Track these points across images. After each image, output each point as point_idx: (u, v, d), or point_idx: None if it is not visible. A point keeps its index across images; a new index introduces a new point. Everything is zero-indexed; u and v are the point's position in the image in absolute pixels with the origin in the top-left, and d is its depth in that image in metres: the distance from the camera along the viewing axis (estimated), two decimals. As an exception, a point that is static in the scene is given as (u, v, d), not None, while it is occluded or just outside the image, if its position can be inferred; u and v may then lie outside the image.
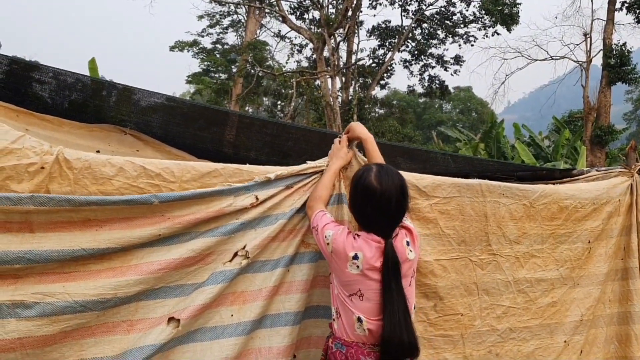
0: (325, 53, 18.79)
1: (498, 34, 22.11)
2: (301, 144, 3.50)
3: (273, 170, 2.40)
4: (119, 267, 2.10)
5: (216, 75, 25.19)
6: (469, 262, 2.83)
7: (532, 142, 20.77)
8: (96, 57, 11.90)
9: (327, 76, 17.88)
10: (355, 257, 2.11)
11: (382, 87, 23.48)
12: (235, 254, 2.28)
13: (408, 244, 2.21)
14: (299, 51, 22.22)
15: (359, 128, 2.66)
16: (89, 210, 2.05)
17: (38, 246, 1.97)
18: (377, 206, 2.15)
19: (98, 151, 2.87)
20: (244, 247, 2.29)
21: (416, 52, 22.54)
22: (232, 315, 2.28)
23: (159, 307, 2.17)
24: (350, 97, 19.92)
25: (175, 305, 2.17)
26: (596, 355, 3.17)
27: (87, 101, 3.19)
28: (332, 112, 17.15)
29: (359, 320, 2.12)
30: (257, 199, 2.32)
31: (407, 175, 2.67)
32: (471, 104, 46.75)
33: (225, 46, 26.21)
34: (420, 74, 23.24)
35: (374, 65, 22.47)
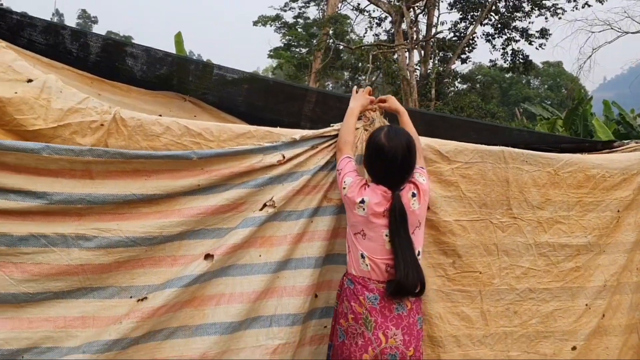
0: (404, 26, 18.68)
1: (589, 5, 21.01)
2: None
3: (299, 132, 2.69)
4: (165, 211, 2.48)
5: (297, 50, 25.61)
6: (489, 224, 3.00)
7: (622, 120, 19.74)
8: (182, 31, 12.54)
9: (405, 50, 17.81)
10: (362, 201, 2.43)
11: (463, 61, 22.93)
12: (265, 205, 2.60)
13: (414, 195, 2.48)
14: (378, 24, 22.15)
15: (395, 100, 2.93)
16: (138, 163, 2.43)
17: (96, 190, 2.38)
18: (385, 161, 2.46)
19: (160, 115, 3.27)
20: (272, 198, 2.61)
21: (499, 26, 21.83)
22: (260, 256, 2.62)
23: (199, 246, 2.53)
24: (428, 71, 19.73)
25: (212, 245, 2.53)
26: (619, 320, 3.26)
27: (172, 75, 3.61)
28: (409, 86, 17.12)
29: (362, 256, 2.44)
30: (283, 157, 2.63)
31: (431, 141, 2.90)
32: (561, 80, 44.65)
33: (307, 20, 26.57)
34: (503, 48, 22.54)
35: (454, 38, 22.03)
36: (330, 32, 20.95)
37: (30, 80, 2.45)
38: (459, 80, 22.75)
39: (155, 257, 2.48)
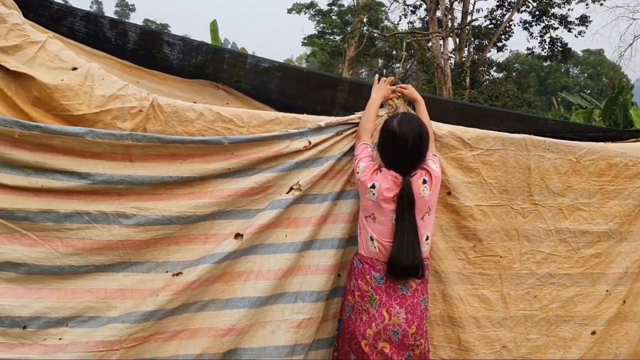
0: (438, 14, 18.51)
1: (633, -10, 20.39)
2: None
3: (325, 119, 2.82)
4: (198, 192, 2.65)
5: (331, 37, 25.63)
6: (510, 209, 3.08)
7: (665, 109, 19.21)
8: (217, 19, 12.78)
9: (439, 37, 17.68)
10: (373, 186, 2.55)
11: (499, 49, 22.56)
12: (291, 188, 2.75)
13: (425, 182, 2.58)
14: (412, 12, 21.95)
15: (414, 90, 3.04)
16: (174, 147, 2.60)
17: (135, 172, 2.56)
18: (396, 146, 2.57)
19: (194, 102, 3.44)
20: (298, 182, 2.75)
21: (537, 13, 21.40)
22: (286, 236, 2.77)
23: (229, 225, 2.70)
24: (463, 59, 19.51)
25: (242, 225, 2.69)
26: (640, 307, 3.31)
27: (206, 63, 3.78)
28: (443, 75, 17.00)
29: (372, 238, 2.57)
30: (309, 142, 2.76)
31: (453, 128, 2.99)
32: (602, 69, 43.46)
33: (342, 8, 26.56)
34: (541, 36, 22.10)
35: (490, 26, 21.70)
36: (365, 19, 20.91)
37: (75, 69, 2.63)
38: (494, 68, 22.42)
39: (189, 235, 2.65)
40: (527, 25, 22.03)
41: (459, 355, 3.04)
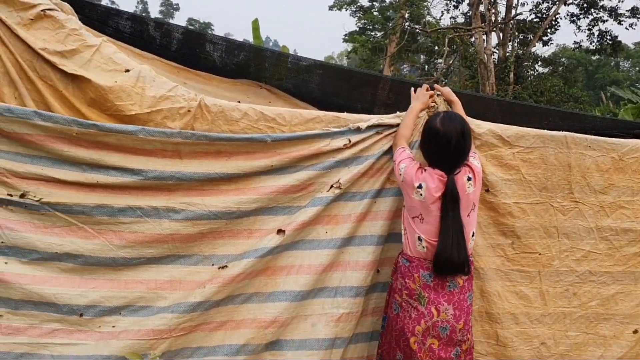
0: (482, 8, 18.26)
1: (685, -20, 19.68)
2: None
3: (366, 119, 2.89)
4: (242, 188, 2.77)
5: (372, 34, 25.55)
6: (550, 207, 3.09)
7: None
8: (259, 17, 12.91)
9: (482, 32, 17.45)
10: (420, 186, 2.58)
11: (545, 43, 22.06)
12: (331, 186, 2.83)
13: (469, 179, 2.62)
14: (455, 7, 21.68)
15: (450, 92, 3.06)
16: (221, 145, 2.72)
17: (184, 169, 2.69)
18: (439, 146, 2.62)
19: (239, 101, 3.55)
20: (338, 180, 2.83)
21: (585, 5, 20.87)
22: (326, 232, 2.85)
23: (272, 221, 2.80)
24: (507, 54, 19.20)
25: (283, 221, 2.79)
26: (686, 306, 3.26)
27: (249, 63, 3.91)
28: (486, 70, 16.80)
29: (419, 238, 2.61)
30: (349, 141, 2.84)
31: (493, 126, 3.02)
32: (656, 62, 41.93)
33: (383, 3, 26.46)
34: (589, 29, 21.54)
35: (535, 20, 21.24)
36: (406, 15, 20.75)
37: (127, 71, 2.78)
38: (539, 63, 21.95)
39: (233, 230, 2.77)
40: (575, 18, 21.51)
41: (497, 351, 3.07)
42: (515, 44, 21.22)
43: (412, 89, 3.08)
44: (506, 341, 3.06)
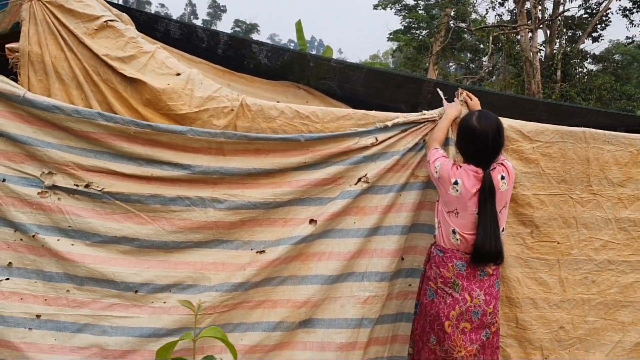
0: (528, 5, 17.94)
1: None
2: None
3: (392, 118, 3.12)
4: (278, 182, 3.06)
5: (417, 32, 25.35)
6: (568, 198, 3.26)
7: None
8: (303, 17, 13.19)
9: (528, 30, 17.16)
10: (456, 182, 2.78)
11: (595, 39, 21.32)
12: (359, 179, 3.09)
13: (503, 177, 2.81)
14: (501, 4, 21.20)
15: (478, 102, 3.21)
16: (259, 143, 3.02)
17: (227, 164, 3.01)
18: (477, 142, 2.81)
19: (278, 101, 3.84)
20: (366, 175, 3.09)
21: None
22: (354, 223, 3.12)
23: (304, 211, 3.09)
24: (554, 52, 18.77)
25: (315, 211, 3.07)
26: None
27: (288, 66, 4.20)
28: (532, 68, 16.54)
29: (454, 232, 2.82)
30: (376, 139, 3.08)
31: (513, 122, 3.22)
32: None
33: (428, 2, 26.23)
34: (644, 24, 20.67)
35: (585, 15, 20.62)
36: (452, 13, 20.53)
37: (178, 74, 3.11)
38: (588, 60, 21.26)
39: (270, 219, 3.07)
40: (627, 12, 20.68)
41: (517, 333, 3.26)
42: (563, 41, 20.67)
43: (439, 89, 3.28)
44: (525, 324, 3.25)
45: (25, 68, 3.03)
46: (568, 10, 20.28)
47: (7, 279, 2.83)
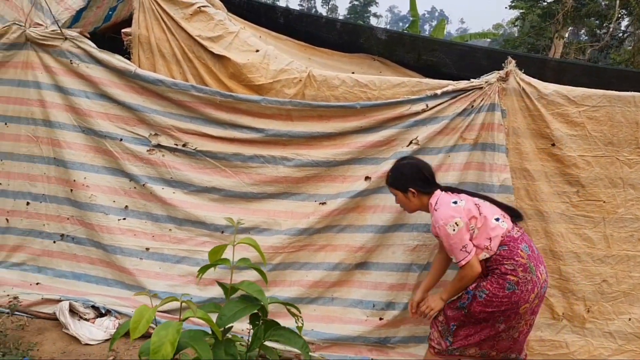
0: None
1: None
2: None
3: (443, 85, 3.42)
4: (338, 144, 3.54)
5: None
6: (615, 160, 3.39)
7: None
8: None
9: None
10: (457, 202, 2.91)
11: None
12: (411, 142, 3.46)
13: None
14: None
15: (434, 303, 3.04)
16: (321, 110, 3.51)
17: (294, 128, 3.54)
18: (425, 173, 3.03)
19: (353, 72, 4.20)
20: (417, 137, 3.44)
21: None
22: None
23: (361, 169, 3.53)
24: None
25: (370, 170, 3.51)
26: None
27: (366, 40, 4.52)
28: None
29: (497, 219, 2.86)
30: (427, 106, 3.42)
31: (559, 87, 3.41)
32: None
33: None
34: None
35: None
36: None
37: (257, 51, 3.65)
38: None
39: (331, 175, 3.57)
40: None
41: (559, 284, 3.50)
42: None
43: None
44: (568, 276, 3.48)
45: (136, 48, 3.75)
46: None
47: (124, 218, 3.62)
